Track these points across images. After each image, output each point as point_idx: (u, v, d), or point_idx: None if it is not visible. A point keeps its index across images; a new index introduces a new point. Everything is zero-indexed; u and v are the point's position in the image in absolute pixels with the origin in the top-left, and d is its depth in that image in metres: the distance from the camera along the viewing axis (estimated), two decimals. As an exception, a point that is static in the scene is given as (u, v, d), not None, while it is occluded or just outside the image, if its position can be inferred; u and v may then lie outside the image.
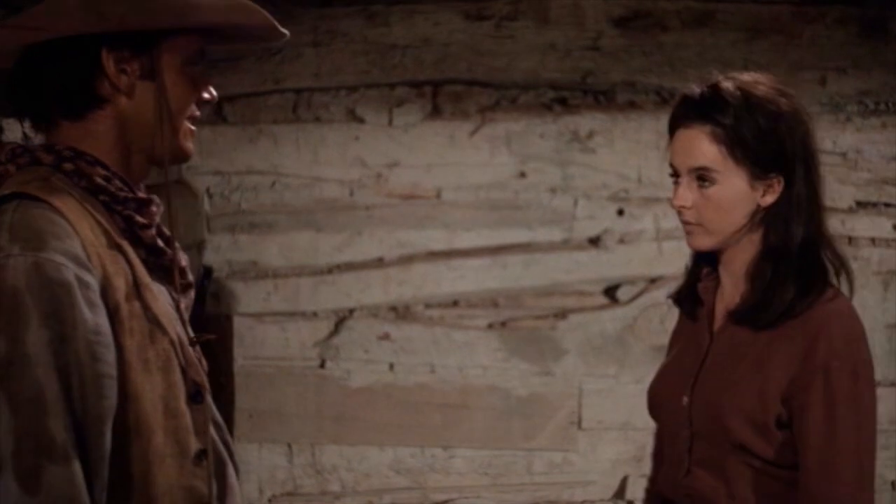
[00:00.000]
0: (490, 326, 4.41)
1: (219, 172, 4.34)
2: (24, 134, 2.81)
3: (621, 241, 4.41)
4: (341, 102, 4.35)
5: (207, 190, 4.34)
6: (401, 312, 4.36)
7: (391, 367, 4.36)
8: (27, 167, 1.87)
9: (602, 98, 4.40)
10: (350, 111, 4.35)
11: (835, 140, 4.41)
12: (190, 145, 2.02)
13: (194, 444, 1.92)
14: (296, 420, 4.35)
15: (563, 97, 4.38)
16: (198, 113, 2.02)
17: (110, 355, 1.77)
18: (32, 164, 1.87)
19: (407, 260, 4.34)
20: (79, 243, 1.78)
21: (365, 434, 4.37)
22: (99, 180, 1.89)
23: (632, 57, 4.30)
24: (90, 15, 1.81)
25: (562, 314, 4.41)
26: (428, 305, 4.36)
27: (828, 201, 4.33)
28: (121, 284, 1.83)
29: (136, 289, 1.87)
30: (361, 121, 4.34)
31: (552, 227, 4.38)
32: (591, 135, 4.38)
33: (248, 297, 4.35)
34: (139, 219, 1.96)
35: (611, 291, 4.45)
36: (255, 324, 4.33)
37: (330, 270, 4.35)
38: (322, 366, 4.35)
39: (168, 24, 1.86)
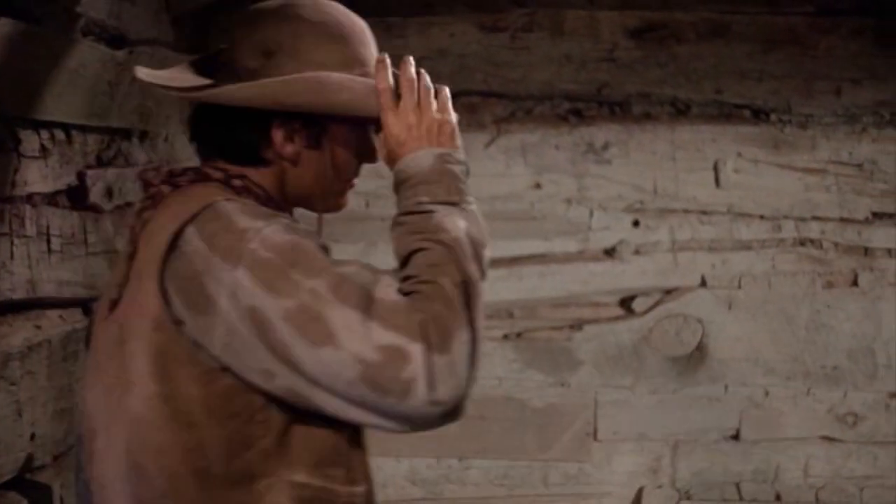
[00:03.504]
0: (506, 337, 4.41)
1: (235, 184, 4.35)
2: (42, 146, 2.83)
3: (637, 252, 4.41)
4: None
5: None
6: (416, 323, 4.36)
7: (407, 377, 4.36)
8: (191, 185, 1.91)
9: (617, 109, 4.41)
10: (366, 123, 4.36)
11: (850, 151, 4.41)
12: (346, 200, 2.08)
13: None
14: (312, 431, 4.36)
15: (578, 108, 4.39)
16: (358, 174, 2.07)
17: None
18: (199, 181, 1.91)
19: (422, 271, 4.34)
20: None
21: (381, 445, 4.36)
22: (262, 199, 1.95)
23: (647, 68, 4.31)
24: (267, 100, 1.88)
25: (577, 325, 4.42)
26: (443, 316, 4.36)
27: (844, 213, 4.39)
28: None
29: None
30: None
31: (568, 238, 4.38)
32: (606, 146, 4.39)
33: (265, 308, 4.36)
34: None
35: (626, 302, 4.45)
36: (271, 335, 4.34)
37: (346, 281, 4.36)
38: (338, 377, 4.36)
39: (341, 114, 1.94)
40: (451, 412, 1.71)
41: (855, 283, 4.43)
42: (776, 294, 4.42)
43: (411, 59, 1.98)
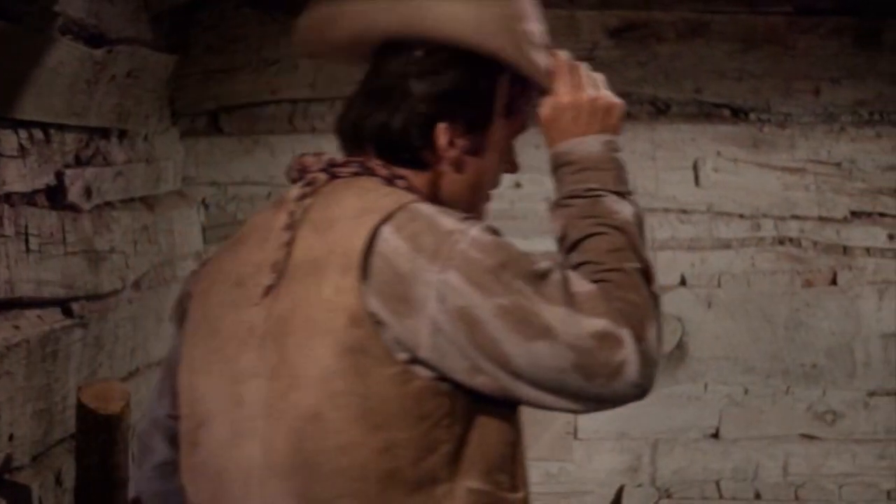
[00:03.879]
0: (486, 336, 4.41)
1: (215, 183, 4.34)
2: (20, 145, 2.82)
3: (617, 251, 4.41)
4: (337, 113, 4.35)
5: (203, 201, 4.34)
6: (397, 322, 4.36)
7: (387, 377, 4.36)
8: (353, 178, 1.88)
9: (597, 108, 4.41)
10: (346, 122, 4.35)
11: (829, 150, 4.42)
12: (485, 211, 2.06)
13: None
14: (292, 430, 4.35)
15: (558, 108, 4.38)
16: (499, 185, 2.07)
17: None
18: (361, 175, 1.88)
19: (403, 270, 4.34)
20: None
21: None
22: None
23: (627, 68, 4.31)
24: (466, 28, 1.87)
25: (558, 324, 4.42)
26: (424, 315, 4.36)
27: (822, 211, 4.40)
28: None
29: None
30: (357, 131, 4.34)
31: (547, 237, 4.34)
32: (586, 145, 4.39)
33: (245, 308, 4.35)
34: None
35: (606, 301, 4.45)
36: (251, 334, 4.33)
37: (326, 281, 4.36)
38: (318, 376, 4.35)
39: (527, 72, 1.94)
40: (644, 394, 1.75)
41: (834, 281, 4.45)
42: (755, 293, 4.43)
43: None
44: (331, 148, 4.61)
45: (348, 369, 1.73)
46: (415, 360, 1.72)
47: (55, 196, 3.09)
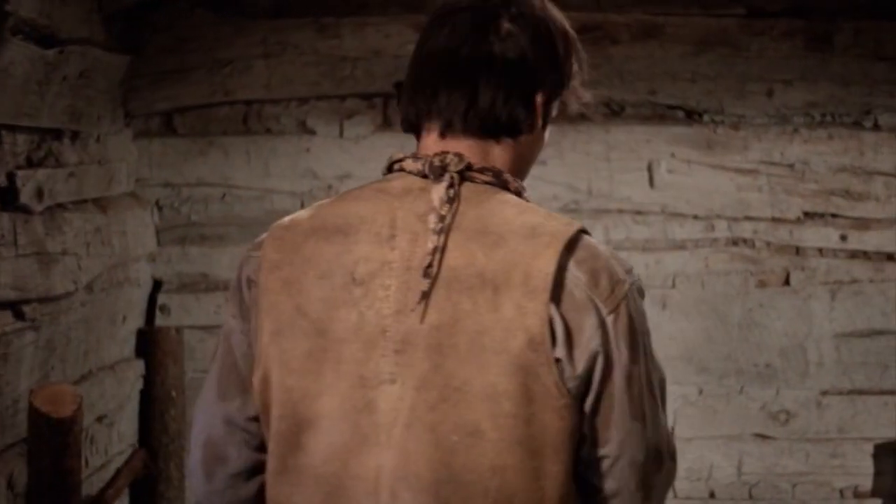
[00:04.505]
0: (441, 338, 4.40)
1: (169, 184, 4.31)
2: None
3: (572, 252, 4.42)
4: (292, 114, 4.34)
5: (157, 202, 4.32)
6: (352, 324, 4.35)
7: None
8: (484, 185, 1.82)
9: (552, 110, 4.42)
10: (301, 123, 4.34)
11: (782, 151, 4.45)
12: None
13: None
14: (247, 433, 4.33)
15: (513, 109, 4.39)
16: None
17: None
18: (494, 185, 1.83)
19: (358, 272, 4.32)
20: None
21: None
22: None
23: (581, 69, 4.32)
24: None
25: (513, 325, 4.42)
26: (379, 317, 4.35)
27: (775, 212, 4.44)
28: None
29: None
30: (312, 132, 4.34)
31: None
32: (541, 146, 4.40)
33: (199, 310, 4.33)
34: None
35: (562, 302, 4.46)
36: (205, 336, 4.31)
37: (281, 282, 4.34)
38: (273, 378, 4.33)
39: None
40: None
41: (787, 282, 4.48)
42: (709, 293, 4.45)
43: None
44: (287, 149, 4.55)
45: (518, 392, 1.69)
46: (567, 392, 1.71)
47: (6, 197, 3.06)
